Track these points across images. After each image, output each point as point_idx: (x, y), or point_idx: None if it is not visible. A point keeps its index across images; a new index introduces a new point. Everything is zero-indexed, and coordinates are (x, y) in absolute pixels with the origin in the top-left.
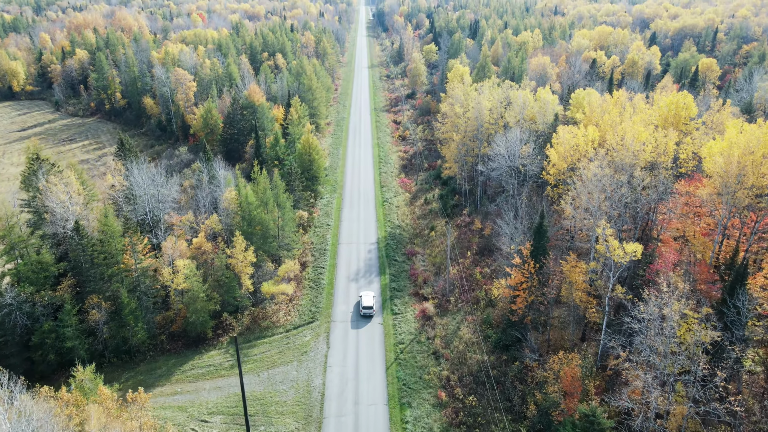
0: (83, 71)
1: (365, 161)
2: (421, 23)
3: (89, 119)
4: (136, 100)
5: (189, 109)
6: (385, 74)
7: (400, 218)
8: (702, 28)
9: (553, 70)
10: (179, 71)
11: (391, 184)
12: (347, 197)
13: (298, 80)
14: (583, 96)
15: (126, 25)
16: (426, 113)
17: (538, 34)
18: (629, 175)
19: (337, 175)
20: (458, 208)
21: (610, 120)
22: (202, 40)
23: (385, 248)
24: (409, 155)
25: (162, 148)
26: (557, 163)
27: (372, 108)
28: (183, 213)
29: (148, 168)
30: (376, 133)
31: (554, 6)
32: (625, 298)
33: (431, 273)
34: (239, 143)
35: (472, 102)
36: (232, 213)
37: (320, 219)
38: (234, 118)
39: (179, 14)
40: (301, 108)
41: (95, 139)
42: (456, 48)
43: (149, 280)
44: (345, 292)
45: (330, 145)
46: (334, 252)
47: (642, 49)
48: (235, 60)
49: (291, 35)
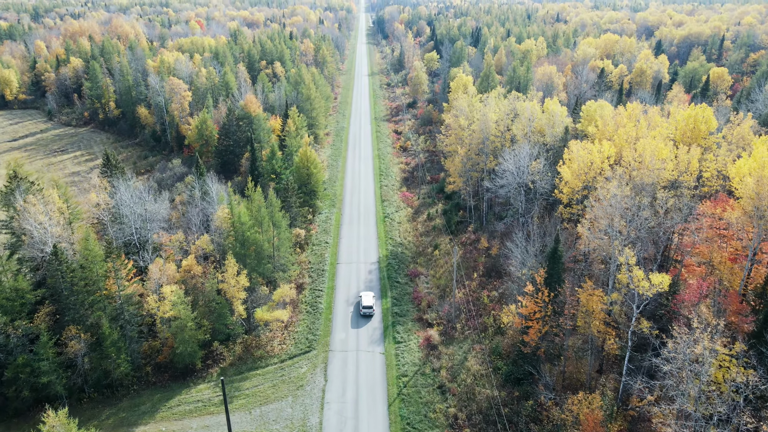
0: (77, 80)
1: (365, 174)
2: (422, 30)
3: (82, 129)
4: (131, 110)
5: (184, 120)
6: (385, 82)
7: (402, 235)
8: (708, 36)
9: (559, 80)
10: (174, 80)
11: (392, 198)
12: (347, 212)
13: (296, 90)
14: (595, 108)
15: (122, 32)
16: (428, 123)
17: (542, 42)
18: (651, 196)
19: (336, 189)
20: (463, 225)
21: (625, 134)
22: (199, 48)
23: (387, 268)
24: (411, 167)
25: (156, 160)
26: (571, 181)
27: (372, 117)
28: (173, 232)
29: (135, 185)
30: (377, 144)
31: (556, 13)
32: (650, 334)
33: (435, 296)
34: (235, 155)
35: (477, 114)
36: (225, 233)
37: (318, 236)
38: (229, 129)
39: (177, 21)
40: (299, 119)
41: (87, 150)
42: (458, 56)
43: (134, 307)
44: (344, 317)
45: (329, 156)
46: (333, 272)
47: (650, 58)
48: (232, 69)
49: (290, 43)
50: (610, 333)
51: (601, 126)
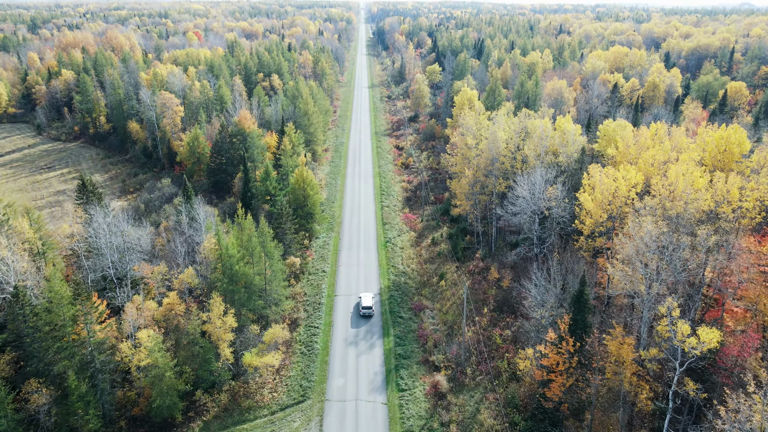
0: (69, 93)
1: (366, 193)
2: (423, 42)
3: (72, 144)
4: (122, 125)
5: (176, 135)
6: (386, 95)
7: (405, 262)
8: (717, 48)
9: (570, 95)
10: (165, 95)
11: (394, 221)
12: (345, 237)
13: (293, 104)
14: (614, 128)
15: (117, 44)
16: (430, 138)
17: (548, 55)
18: (689, 232)
19: (334, 210)
20: (470, 251)
21: (650, 158)
22: (194, 60)
23: (389, 301)
24: (414, 186)
25: (146, 177)
26: (594, 211)
27: (373, 132)
28: (157, 262)
29: (114, 212)
30: (378, 161)
31: (559, 24)
32: (697, 396)
33: (442, 334)
34: (228, 174)
35: (485, 132)
36: (212, 264)
37: (315, 264)
38: (222, 146)
39: (176, 33)
40: (296, 136)
41: (75, 167)
42: (461, 69)
43: (105, 355)
44: (342, 359)
45: (327, 174)
46: (330, 306)
47: (663, 72)
48: (228, 82)
49: (288, 55)
50: (643, 386)
51: (623, 148)
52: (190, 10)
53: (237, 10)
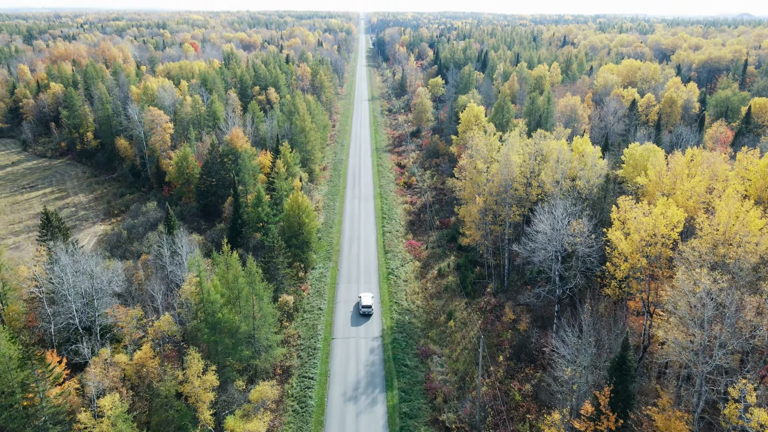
0: (57, 107)
1: (366, 217)
2: (424, 53)
3: (58, 161)
4: (110, 141)
5: (165, 154)
6: (386, 108)
7: (410, 297)
8: (729, 61)
9: (584, 112)
10: (154, 111)
11: (397, 249)
12: (344, 267)
13: (290, 120)
14: (641, 153)
15: (110, 56)
16: (434, 155)
17: (557, 68)
18: (750, 285)
19: (332, 236)
20: (480, 285)
21: (689, 191)
22: (187, 73)
23: (392, 345)
24: (417, 208)
25: (133, 198)
26: (630, 255)
27: (373, 148)
28: (134, 302)
29: (84, 248)
30: (378, 180)
31: (563, 36)
32: None
33: (453, 386)
34: (218, 196)
35: (496, 155)
36: (193, 310)
37: (310, 300)
38: (212, 167)
39: (173, 43)
40: (292, 155)
41: (59, 186)
42: (466, 82)
43: (62, 427)
44: (340, 420)
45: (325, 195)
46: (327, 351)
47: (680, 86)
48: (222, 96)
49: (286, 67)
50: None
51: (654, 177)
52: (189, 21)
53: (236, 21)
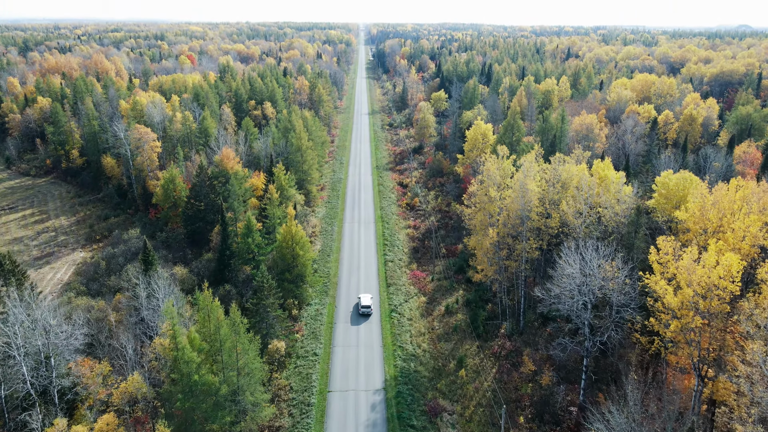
0: (44, 122)
1: (366, 243)
2: (425, 65)
3: (42, 180)
4: (96, 159)
5: (152, 174)
6: (387, 122)
7: (415, 340)
8: (742, 74)
9: (601, 132)
10: (141, 128)
11: (400, 281)
12: (343, 304)
13: (285, 137)
14: (677, 182)
15: (102, 69)
16: (438, 174)
17: (566, 83)
18: None
19: (330, 267)
20: (493, 324)
21: (743, 231)
22: (180, 87)
23: (396, 401)
24: (421, 233)
25: (118, 221)
26: (680, 311)
27: (374, 166)
28: (103, 353)
29: (43, 294)
30: (379, 202)
31: (567, 48)
32: None
33: None
34: (206, 222)
35: (509, 180)
36: (166, 370)
37: (305, 343)
38: (200, 190)
39: (169, 55)
40: (286, 178)
41: (40, 208)
42: (471, 97)
43: None
44: None
45: (323, 218)
46: (322, 408)
47: (700, 103)
48: (214, 111)
49: (283, 80)
50: None
51: (696, 213)
52: (188, 32)
53: (235, 32)
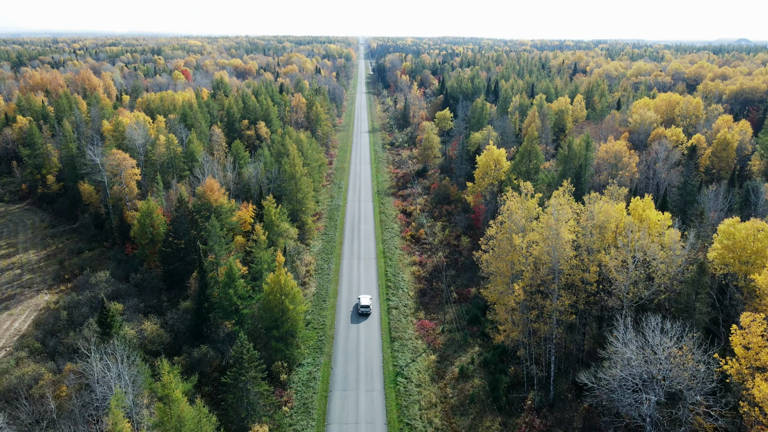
0: (21, 143)
1: (367, 285)
2: (427, 80)
3: (15, 207)
4: (73, 185)
5: (131, 204)
6: (388, 141)
7: (425, 414)
8: (763, 92)
9: (631, 161)
10: (118, 154)
11: (405, 333)
12: (340, 365)
13: (278, 162)
14: (747, 234)
15: (90, 85)
16: (444, 200)
17: (581, 102)
18: None
19: (325, 316)
20: (517, 393)
21: None
22: (169, 105)
23: None
24: (428, 271)
25: (92, 255)
26: None
27: (375, 191)
28: None
29: None
30: (381, 234)
31: (573, 63)
32: None
33: None
34: (186, 262)
35: (535, 225)
36: None
37: (294, 420)
38: (180, 226)
39: (164, 70)
40: (277, 212)
41: (9, 240)
42: (478, 116)
43: None
44: None
45: (318, 253)
46: None
47: (733, 126)
48: (204, 133)
49: (279, 97)
50: None
51: None
52: (186, 46)
53: (234, 46)
